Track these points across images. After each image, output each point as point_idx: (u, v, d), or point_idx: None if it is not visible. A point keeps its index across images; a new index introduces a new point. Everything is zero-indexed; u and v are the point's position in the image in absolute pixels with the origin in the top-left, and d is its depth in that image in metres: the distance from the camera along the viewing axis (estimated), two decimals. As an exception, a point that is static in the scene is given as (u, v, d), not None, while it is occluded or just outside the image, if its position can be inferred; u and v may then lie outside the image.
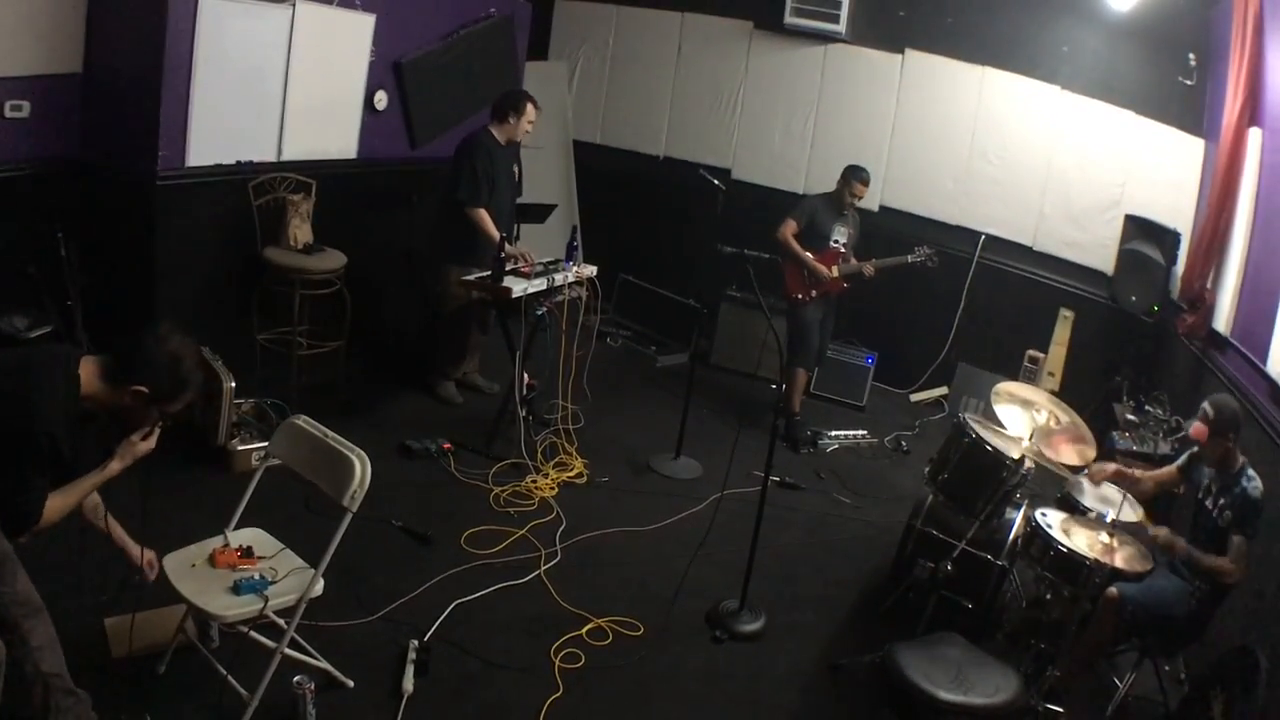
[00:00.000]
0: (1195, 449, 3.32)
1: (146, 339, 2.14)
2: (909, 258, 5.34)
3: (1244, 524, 2.99)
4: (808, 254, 5.21)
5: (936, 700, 2.61)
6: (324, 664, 2.81)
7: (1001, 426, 3.75)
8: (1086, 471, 3.58)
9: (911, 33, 6.10)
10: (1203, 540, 3.15)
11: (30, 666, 2.21)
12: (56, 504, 2.10)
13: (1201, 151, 5.18)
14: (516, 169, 5.08)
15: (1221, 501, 3.10)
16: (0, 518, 2.05)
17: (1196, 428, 3.11)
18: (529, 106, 4.85)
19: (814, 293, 5.27)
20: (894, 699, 2.95)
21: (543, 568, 3.70)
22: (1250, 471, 3.05)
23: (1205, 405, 3.13)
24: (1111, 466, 3.55)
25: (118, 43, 4.19)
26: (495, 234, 4.54)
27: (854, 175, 5.22)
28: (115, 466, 2.24)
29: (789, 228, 5.23)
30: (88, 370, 2.08)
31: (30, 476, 2.02)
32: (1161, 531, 3.16)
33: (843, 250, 5.25)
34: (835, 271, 5.23)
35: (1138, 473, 3.54)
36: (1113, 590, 3.07)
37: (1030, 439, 3.57)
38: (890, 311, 6.16)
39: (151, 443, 2.28)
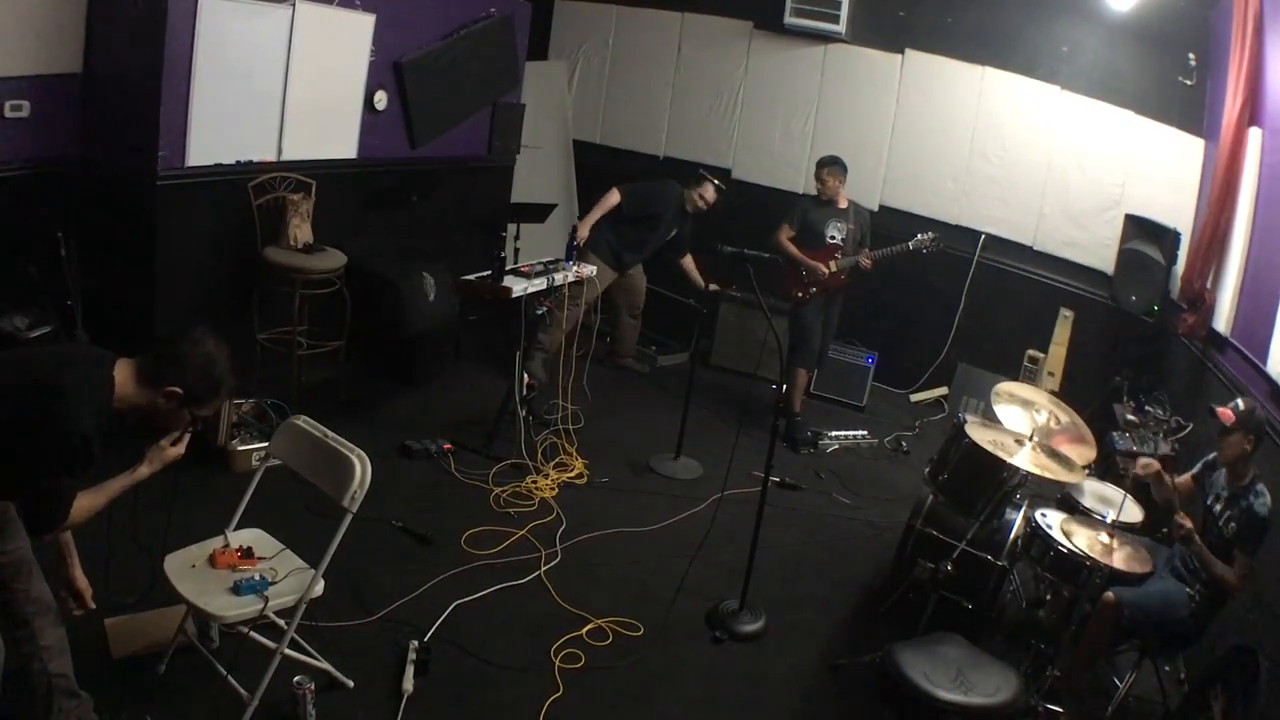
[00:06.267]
0: (1210, 456, 3.32)
1: (182, 342, 2.14)
2: (909, 244, 5.29)
3: (1246, 540, 2.97)
4: (801, 253, 5.22)
5: (936, 700, 2.61)
6: (324, 664, 2.81)
7: (1001, 426, 3.74)
8: (1137, 464, 3.52)
9: (911, 33, 6.10)
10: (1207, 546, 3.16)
11: (37, 664, 2.24)
12: (84, 504, 2.09)
13: (1201, 151, 5.18)
14: (676, 231, 5.63)
15: (1229, 513, 3.09)
16: (28, 516, 2.06)
17: (1224, 412, 3.11)
18: (706, 185, 5.51)
19: (813, 290, 5.27)
20: (894, 699, 2.95)
21: (543, 568, 3.70)
22: (1260, 487, 3.02)
23: (1240, 399, 3.14)
24: (1157, 465, 3.48)
25: (118, 43, 4.19)
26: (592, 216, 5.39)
27: (818, 166, 5.29)
28: (144, 470, 2.24)
29: (783, 232, 5.29)
30: (122, 372, 2.08)
31: (61, 477, 2.02)
32: (1187, 522, 3.10)
33: (840, 245, 5.25)
34: (833, 266, 5.23)
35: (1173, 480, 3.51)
36: (1109, 595, 3.07)
37: (1032, 439, 3.56)
38: (890, 311, 6.16)
39: (181, 448, 2.28)
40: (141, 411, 2.14)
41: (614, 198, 5.39)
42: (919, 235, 5.32)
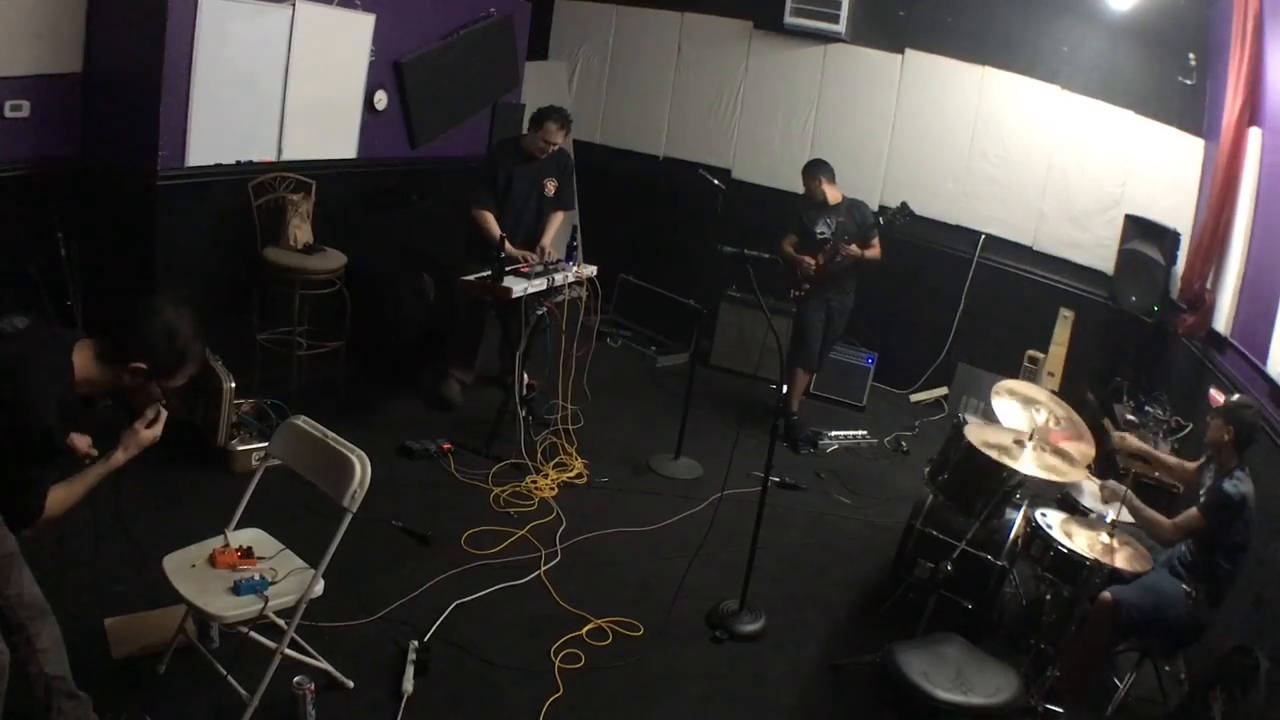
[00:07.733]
0: (1210, 453, 3.35)
1: (140, 313, 2.06)
2: (881, 219, 5.21)
3: (1207, 509, 3.09)
4: (798, 254, 5.27)
5: (936, 700, 2.61)
6: (324, 664, 2.81)
7: (1001, 426, 3.74)
8: (1113, 440, 3.69)
9: (911, 33, 6.10)
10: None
11: (35, 668, 2.22)
12: (60, 496, 2.07)
13: (1201, 151, 5.18)
14: (550, 184, 5.00)
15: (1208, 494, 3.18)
16: (3, 511, 2.03)
17: (1214, 395, 3.18)
18: (546, 123, 4.78)
19: (806, 286, 5.28)
20: (894, 699, 2.95)
21: (543, 568, 3.70)
22: (1241, 475, 3.09)
23: (1239, 395, 3.24)
24: (1131, 438, 3.67)
25: (118, 43, 4.19)
26: (494, 233, 4.61)
27: (803, 172, 5.36)
28: (120, 457, 2.19)
29: (787, 241, 5.35)
30: (83, 355, 2.02)
31: (29, 471, 1.99)
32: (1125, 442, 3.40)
33: (828, 239, 5.25)
34: (820, 259, 5.23)
35: (1162, 455, 3.61)
36: (1107, 594, 3.08)
37: (1031, 438, 3.55)
38: (890, 311, 6.16)
39: (158, 431, 2.22)
40: (110, 392, 2.08)
41: (484, 217, 4.78)
42: (887, 210, 5.20)
